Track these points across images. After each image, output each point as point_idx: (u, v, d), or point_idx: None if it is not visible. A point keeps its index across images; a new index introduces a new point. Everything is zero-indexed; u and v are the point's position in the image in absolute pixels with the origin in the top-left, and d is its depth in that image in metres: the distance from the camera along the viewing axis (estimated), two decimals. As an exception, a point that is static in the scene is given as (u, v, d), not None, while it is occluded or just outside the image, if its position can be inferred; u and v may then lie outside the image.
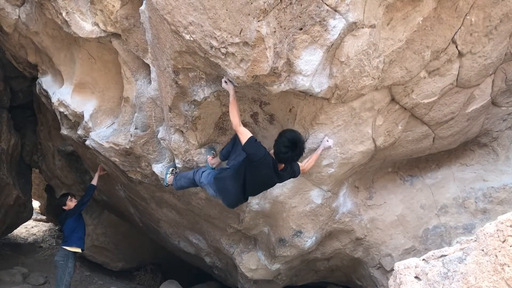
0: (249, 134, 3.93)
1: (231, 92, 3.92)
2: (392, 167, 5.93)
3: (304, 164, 4.53)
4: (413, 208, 5.87)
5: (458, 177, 5.83)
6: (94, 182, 6.97)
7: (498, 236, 2.25)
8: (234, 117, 3.93)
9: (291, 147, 3.91)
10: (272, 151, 4.10)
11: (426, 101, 4.58)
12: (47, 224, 13.21)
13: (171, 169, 5.30)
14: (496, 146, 5.71)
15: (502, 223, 2.25)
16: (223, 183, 4.31)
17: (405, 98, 4.52)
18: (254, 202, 5.43)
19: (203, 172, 4.68)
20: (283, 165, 4.15)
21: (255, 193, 4.54)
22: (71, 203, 6.91)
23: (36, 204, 13.97)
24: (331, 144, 4.54)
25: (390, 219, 5.89)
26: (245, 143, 3.89)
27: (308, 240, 5.67)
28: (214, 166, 4.90)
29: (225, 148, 4.73)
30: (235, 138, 4.48)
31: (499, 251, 2.22)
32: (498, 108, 5.29)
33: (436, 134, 5.12)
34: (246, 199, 4.48)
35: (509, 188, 5.50)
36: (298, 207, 5.38)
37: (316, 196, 5.31)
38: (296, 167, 4.41)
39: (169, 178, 5.24)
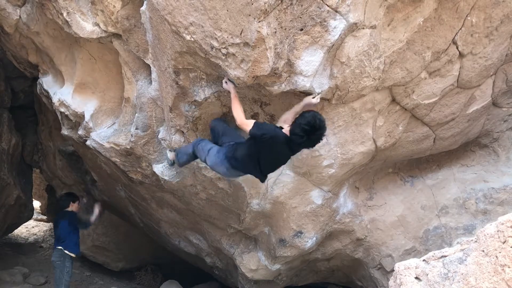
0: (252, 121, 3.79)
1: (232, 91, 3.89)
2: (393, 168, 5.93)
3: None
4: (414, 208, 5.87)
5: (458, 178, 5.83)
6: (93, 220, 7.17)
7: (499, 237, 2.25)
8: (238, 114, 3.80)
9: (309, 131, 3.56)
10: (287, 128, 3.73)
11: (426, 101, 4.58)
12: (48, 224, 13.21)
13: (168, 150, 5.09)
14: (496, 147, 5.71)
15: (502, 224, 2.26)
16: (239, 162, 4.01)
17: (406, 99, 4.52)
18: (255, 202, 5.43)
19: (209, 150, 4.28)
20: None
21: (271, 170, 4.18)
22: (74, 206, 6.98)
23: (36, 204, 13.97)
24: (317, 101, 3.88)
25: (391, 220, 5.89)
26: (251, 129, 3.69)
27: (308, 241, 5.67)
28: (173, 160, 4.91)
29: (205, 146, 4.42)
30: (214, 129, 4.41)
31: (500, 252, 2.22)
32: (499, 109, 5.29)
33: (437, 135, 5.12)
34: (265, 177, 4.17)
35: (510, 189, 5.50)
36: (299, 208, 5.38)
37: (316, 196, 5.31)
38: None
39: (171, 155, 4.98)
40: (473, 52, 4.33)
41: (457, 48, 4.25)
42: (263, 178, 4.15)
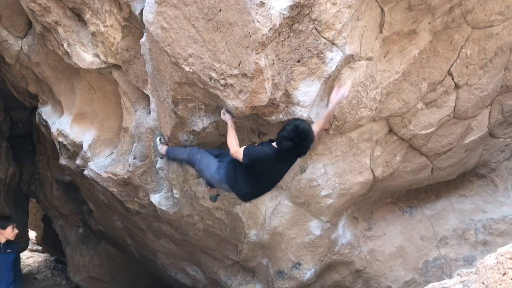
0: (242, 148, 3.73)
1: (229, 122, 3.91)
2: (391, 198, 5.91)
3: (315, 126, 3.82)
4: (413, 239, 5.82)
5: (457, 208, 5.81)
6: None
7: (498, 269, 2.23)
8: (231, 144, 3.80)
9: (296, 142, 3.52)
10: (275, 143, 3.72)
11: (423, 132, 4.61)
12: (43, 255, 13.04)
13: (158, 138, 4.88)
14: (494, 177, 5.72)
15: (502, 255, 2.23)
16: (236, 178, 3.96)
17: (403, 129, 4.55)
18: (253, 233, 5.39)
19: (207, 164, 4.16)
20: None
21: (269, 188, 4.16)
22: (8, 233, 5.62)
23: (32, 234, 13.82)
24: (346, 92, 3.70)
25: (390, 251, 5.83)
26: (243, 158, 3.67)
27: (307, 272, 5.59)
28: (215, 194, 4.84)
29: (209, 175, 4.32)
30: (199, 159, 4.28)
31: (500, 284, 2.19)
32: (496, 139, 5.32)
33: (435, 165, 5.13)
34: (262, 193, 4.18)
35: (509, 219, 5.48)
36: (297, 238, 5.33)
37: (315, 227, 5.27)
38: None
39: (163, 149, 4.79)
40: (468, 83, 4.38)
41: (452, 79, 4.30)
42: (249, 199, 4.25)
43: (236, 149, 3.76)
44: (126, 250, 8.91)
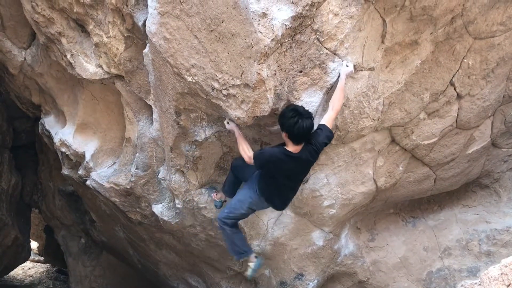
0: (252, 154, 3.70)
1: (236, 130, 3.86)
2: (394, 208, 5.89)
3: (330, 112, 3.65)
4: (416, 250, 5.78)
5: (460, 218, 5.78)
6: None
7: (503, 280, 2.21)
8: (244, 152, 3.75)
9: (298, 114, 3.41)
10: (284, 135, 3.57)
11: (426, 142, 4.60)
12: (45, 266, 13.02)
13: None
14: (498, 187, 5.69)
15: (506, 266, 2.22)
16: (268, 189, 3.95)
17: (405, 139, 4.54)
18: (255, 243, 5.36)
19: (244, 194, 4.16)
20: (300, 146, 3.59)
21: (293, 190, 4.06)
22: None
23: (34, 244, 13.80)
24: (352, 67, 3.60)
25: (393, 262, 5.79)
26: (254, 161, 3.65)
27: (309, 283, 5.56)
28: (221, 199, 4.78)
29: (227, 185, 4.51)
30: (234, 171, 4.31)
31: (504, 296, 2.17)
32: (499, 149, 5.31)
33: (437, 175, 5.11)
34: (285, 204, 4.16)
35: (513, 230, 5.45)
36: (300, 249, 5.31)
37: (317, 237, 5.24)
38: (322, 133, 3.60)
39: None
40: (470, 93, 4.38)
41: (455, 89, 4.30)
42: (283, 206, 4.19)
43: (250, 155, 3.73)
44: (128, 261, 8.88)
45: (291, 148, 3.59)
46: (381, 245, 5.81)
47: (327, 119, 3.62)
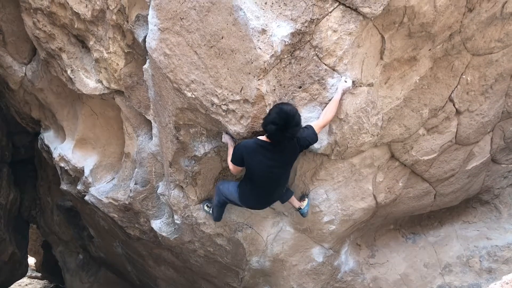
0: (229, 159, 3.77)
1: (230, 142, 3.92)
2: (394, 224, 5.86)
3: (319, 120, 3.62)
4: (416, 267, 5.74)
5: (461, 235, 5.75)
6: None
7: (505, 297, 2.19)
8: (229, 159, 3.82)
9: (280, 126, 3.24)
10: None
11: (425, 158, 4.60)
12: (42, 282, 12.90)
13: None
14: (498, 203, 5.68)
15: (507, 283, 2.20)
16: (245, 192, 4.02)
17: (405, 155, 4.54)
18: (254, 259, 5.33)
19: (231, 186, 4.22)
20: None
21: (276, 186, 3.96)
22: None
23: (31, 260, 13.69)
24: (350, 83, 3.56)
25: (393, 278, 5.74)
26: (232, 159, 3.70)
27: (309, 300, 5.51)
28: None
29: (215, 212, 4.63)
30: (221, 193, 4.35)
31: (506, 313, 2.15)
32: (498, 165, 5.31)
33: (437, 191, 5.10)
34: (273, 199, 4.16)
35: (514, 246, 5.42)
36: (299, 266, 5.27)
37: (317, 254, 5.21)
38: (307, 133, 3.54)
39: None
40: (469, 109, 4.40)
41: (453, 105, 4.32)
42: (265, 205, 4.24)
43: (229, 160, 3.78)
44: (127, 277, 8.81)
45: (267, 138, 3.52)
46: (381, 261, 5.77)
47: (314, 124, 3.58)
